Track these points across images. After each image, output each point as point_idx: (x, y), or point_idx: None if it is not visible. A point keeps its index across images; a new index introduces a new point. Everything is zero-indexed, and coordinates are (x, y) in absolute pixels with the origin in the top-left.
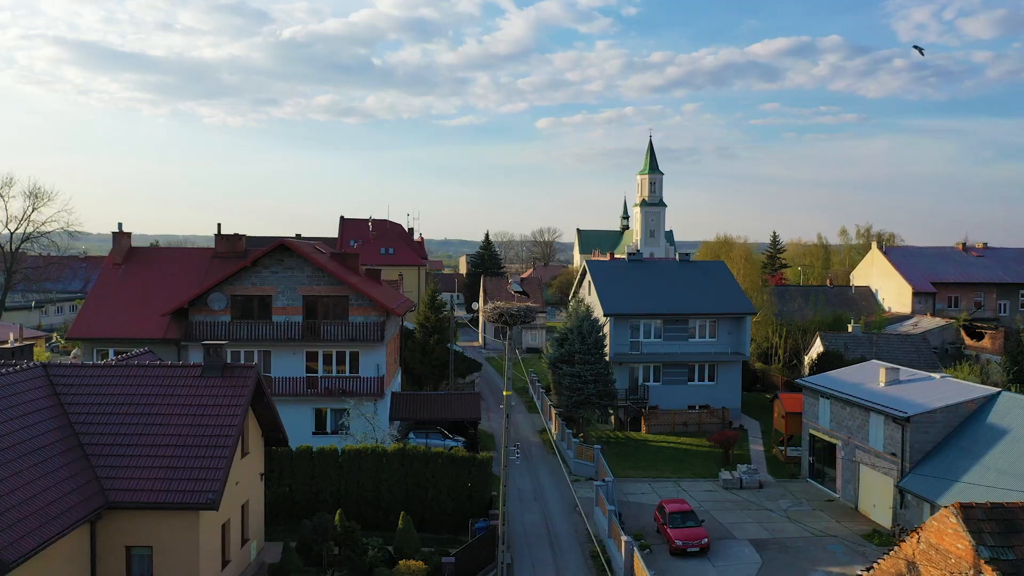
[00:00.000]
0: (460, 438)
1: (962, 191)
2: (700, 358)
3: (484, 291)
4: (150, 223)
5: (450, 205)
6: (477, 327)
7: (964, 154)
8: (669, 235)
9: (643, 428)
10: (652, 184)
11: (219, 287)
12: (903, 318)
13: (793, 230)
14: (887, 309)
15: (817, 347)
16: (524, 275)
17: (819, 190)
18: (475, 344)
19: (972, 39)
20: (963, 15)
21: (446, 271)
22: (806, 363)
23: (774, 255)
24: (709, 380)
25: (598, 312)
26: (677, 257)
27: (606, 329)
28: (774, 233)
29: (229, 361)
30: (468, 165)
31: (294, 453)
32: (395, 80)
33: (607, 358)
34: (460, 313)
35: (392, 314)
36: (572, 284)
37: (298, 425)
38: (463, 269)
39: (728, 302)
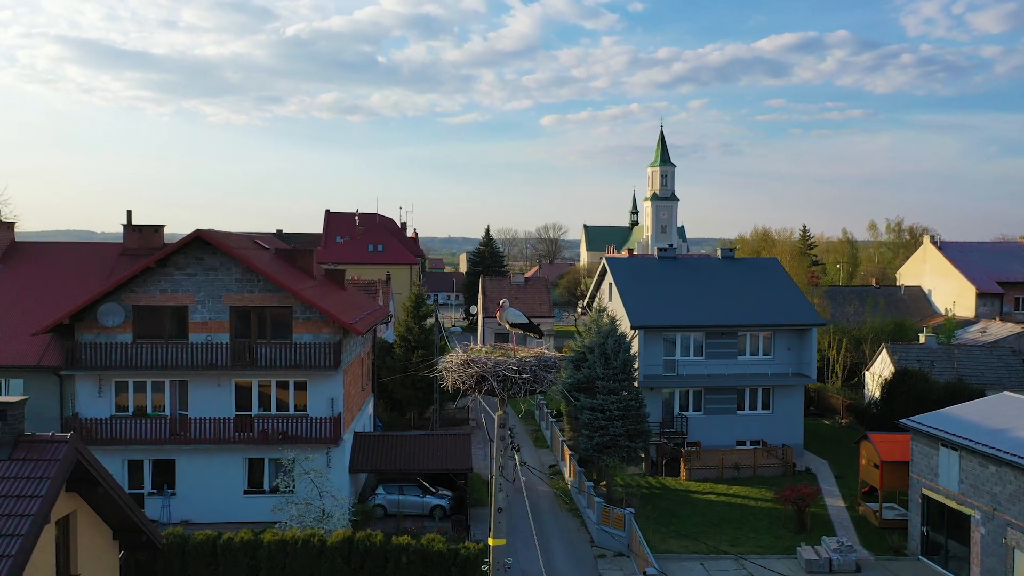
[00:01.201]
0: (446, 492)
1: (965, 187)
2: (752, 381)
3: (483, 292)
4: (150, 222)
5: (454, 203)
6: (476, 330)
7: (969, 149)
8: (681, 231)
9: (682, 472)
10: (663, 177)
11: (115, 295)
12: (967, 323)
13: (801, 226)
14: (944, 312)
15: (884, 361)
16: (528, 274)
17: (824, 186)
18: None
19: (981, 33)
20: (972, 9)
21: (447, 270)
22: (874, 382)
23: (804, 251)
24: (763, 409)
25: (623, 324)
26: (719, 253)
27: (634, 346)
28: (804, 227)
29: (132, 396)
30: (472, 162)
31: (189, 546)
32: (400, 78)
33: (636, 383)
34: (457, 316)
35: (351, 331)
36: (580, 282)
37: (224, 482)
38: (465, 268)
39: (787, 310)
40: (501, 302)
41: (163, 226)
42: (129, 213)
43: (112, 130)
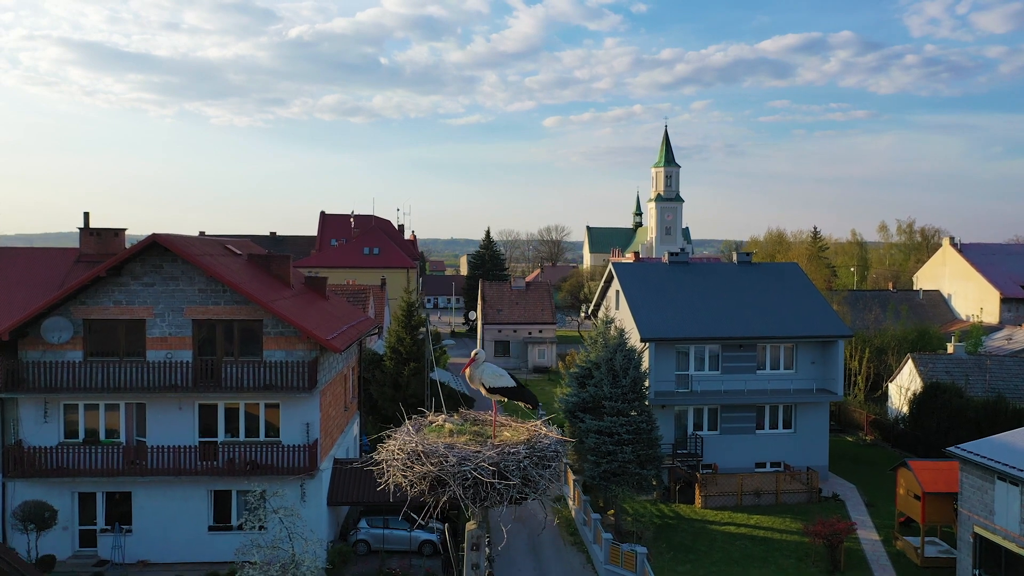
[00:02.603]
0: (437, 525)
1: (968, 187)
2: (773, 397)
3: (482, 298)
4: (154, 224)
5: (456, 204)
6: (475, 337)
7: (973, 150)
8: (686, 232)
9: (697, 499)
10: (668, 177)
11: (62, 307)
12: (991, 330)
13: (804, 228)
14: (965, 318)
15: (911, 373)
16: (529, 277)
17: (828, 187)
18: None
19: (985, 34)
20: (977, 9)
21: (448, 272)
22: (900, 396)
23: (816, 254)
24: (785, 428)
25: (631, 335)
26: (733, 257)
27: (644, 361)
28: (815, 229)
29: (83, 421)
30: (474, 164)
31: None
32: (402, 79)
33: (647, 401)
34: (457, 320)
35: (328, 348)
36: (584, 285)
37: (187, 517)
38: (465, 270)
39: (811, 320)
40: (474, 353)
41: (124, 229)
42: (86, 215)
43: (115, 132)
